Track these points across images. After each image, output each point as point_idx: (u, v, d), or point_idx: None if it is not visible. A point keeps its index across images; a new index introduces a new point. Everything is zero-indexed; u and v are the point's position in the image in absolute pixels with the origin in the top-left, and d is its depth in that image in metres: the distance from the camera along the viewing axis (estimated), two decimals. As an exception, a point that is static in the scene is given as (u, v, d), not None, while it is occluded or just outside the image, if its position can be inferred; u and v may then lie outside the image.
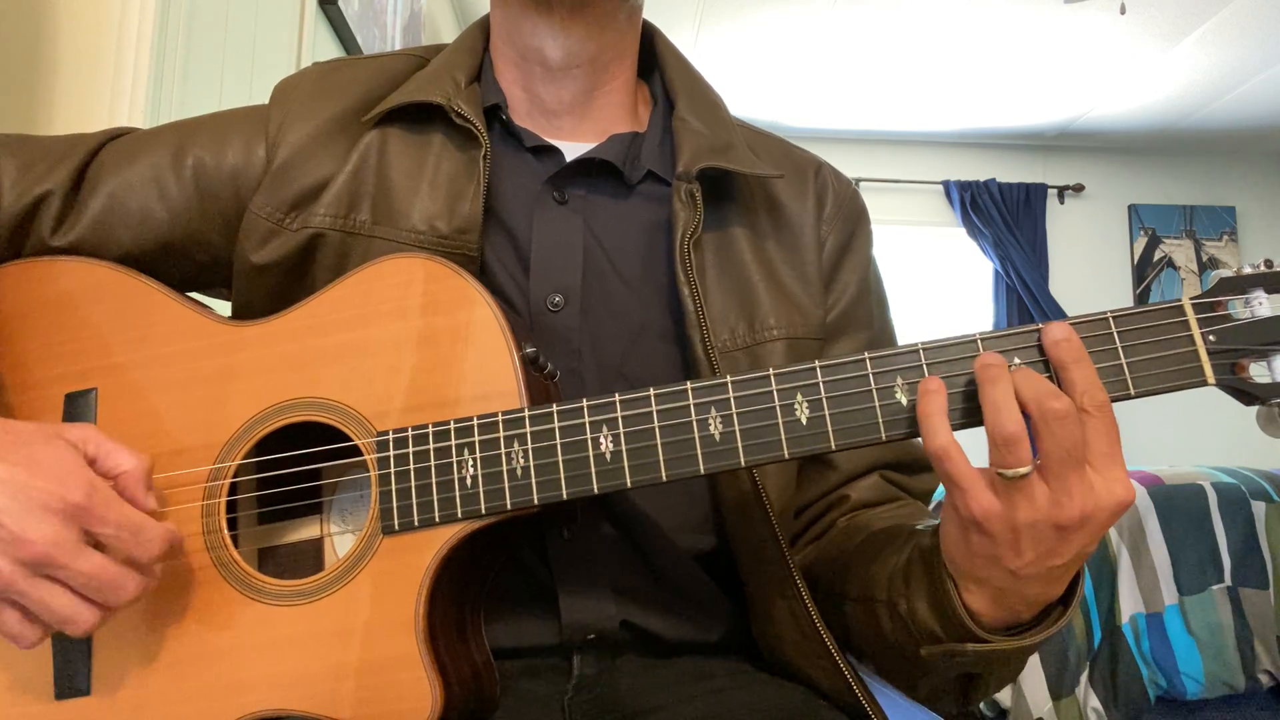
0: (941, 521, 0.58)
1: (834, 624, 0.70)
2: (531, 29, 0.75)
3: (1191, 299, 0.55)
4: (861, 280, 0.81)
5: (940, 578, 0.58)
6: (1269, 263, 0.55)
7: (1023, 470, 0.51)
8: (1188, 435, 4.52)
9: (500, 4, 0.78)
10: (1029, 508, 0.52)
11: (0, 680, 0.63)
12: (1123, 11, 3.24)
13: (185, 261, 0.75)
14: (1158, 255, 4.86)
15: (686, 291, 0.70)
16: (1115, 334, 0.55)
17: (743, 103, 4.42)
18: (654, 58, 0.84)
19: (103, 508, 0.55)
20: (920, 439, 0.55)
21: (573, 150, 0.76)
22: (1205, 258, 4.85)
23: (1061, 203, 4.92)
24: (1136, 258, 4.86)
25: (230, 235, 0.74)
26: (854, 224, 0.82)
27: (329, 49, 2.05)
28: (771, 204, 0.79)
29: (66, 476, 0.54)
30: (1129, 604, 2.31)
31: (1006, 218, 4.74)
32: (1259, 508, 2.45)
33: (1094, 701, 2.23)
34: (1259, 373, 0.54)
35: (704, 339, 0.70)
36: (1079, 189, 4.92)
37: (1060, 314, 4.59)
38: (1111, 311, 0.55)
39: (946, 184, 4.84)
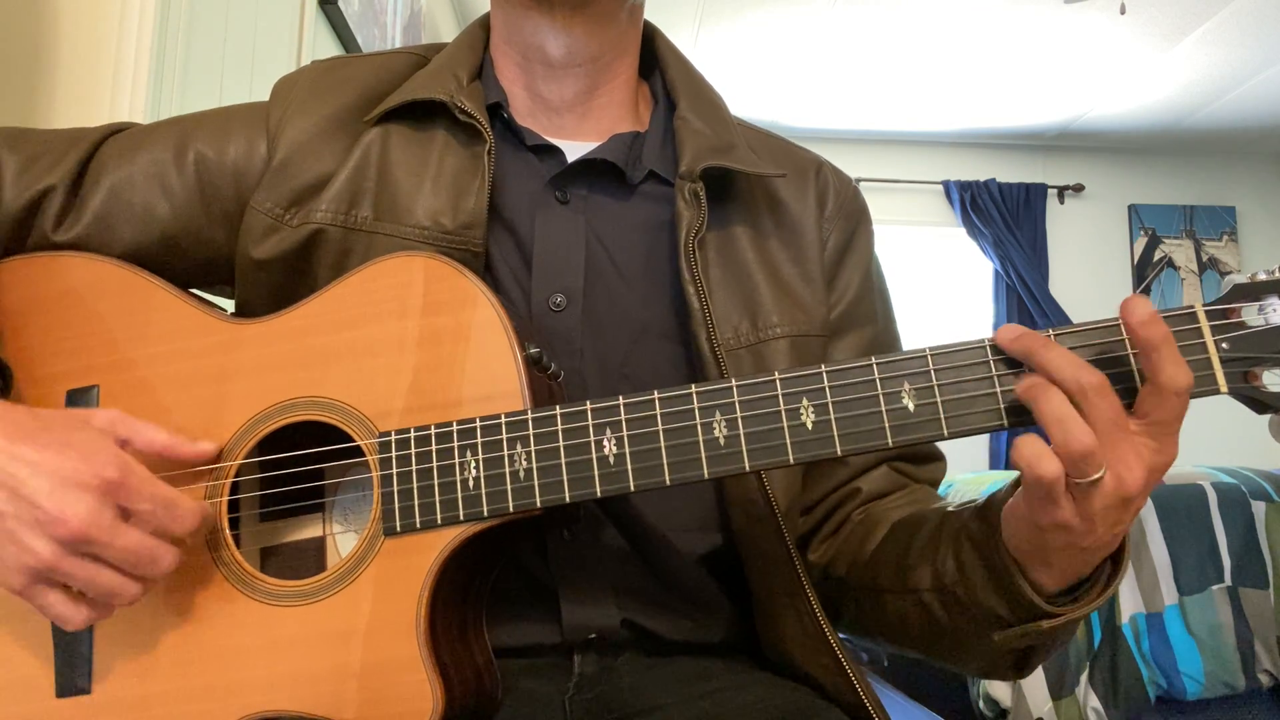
0: (1010, 524, 0.57)
1: (873, 617, 0.71)
2: (533, 28, 0.75)
3: (1204, 305, 0.54)
4: (864, 277, 0.81)
5: (1001, 565, 0.58)
6: None
7: (1097, 475, 0.51)
8: (1188, 435, 4.50)
9: (500, 3, 0.78)
10: (1100, 497, 0.52)
11: (1, 678, 0.63)
12: (1123, 11, 3.24)
13: (187, 258, 0.75)
14: (1158, 255, 4.85)
15: (692, 290, 0.70)
16: (1126, 340, 0.54)
17: (743, 103, 4.42)
18: (655, 57, 0.84)
19: (138, 483, 0.56)
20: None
21: (574, 149, 0.76)
22: (1205, 258, 4.85)
23: (1061, 203, 4.92)
24: (1136, 258, 4.86)
25: (232, 231, 0.74)
26: (855, 222, 0.82)
27: (329, 49, 2.05)
28: (773, 203, 0.79)
29: (98, 455, 0.55)
30: (1129, 604, 2.31)
31: (1006, 218, 4.74)
32: (1259, 508, 2.45)
33: (1094, 701, 2.23)
34: (1272, 381, 0.53)
35: (710, 336, 0.70)
36: (1079, 189, 4.92)
37: (1060, 314, 4.60)
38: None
39: (946, 184, 4.84)
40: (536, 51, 0.76)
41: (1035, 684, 2.21)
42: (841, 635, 0.77)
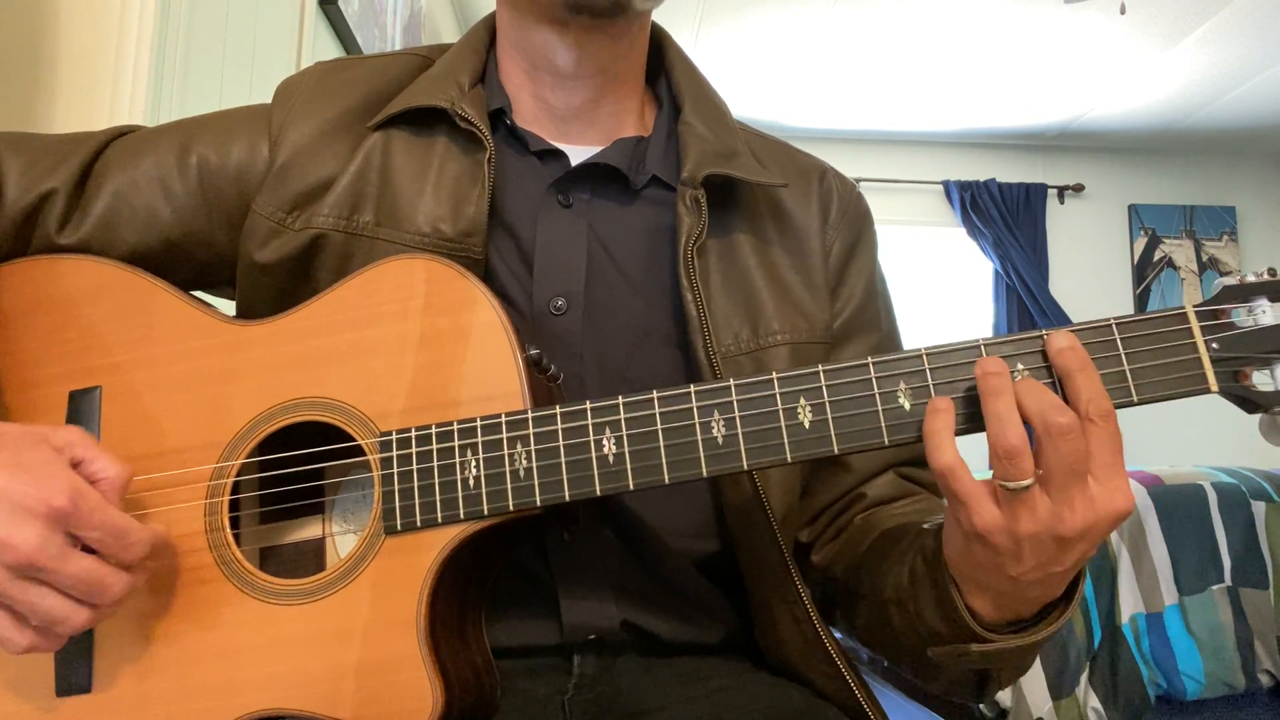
0: (944, 530, 0.59)
1: (851, 621, 0.71)
2: (544, 40, 0.75)
3: (1195, 306, 0.55)
4: (868, 284, 0.81)
5: (944, 581, 0.59)
6: (1273, 271, 0.55)
7: (1025, 482, 0.51)
8: (1188, 435, 4.52)
9: (510, 8, 0.77)
10: (1031, 519, 0.52)
11: (1, 677, 0.63)
12: (1123, 11, 3.24)
13: (190, 260, 0.75)
14: (1158, 255, 4.86)
15: (689, 297, 0.70)
16: (1119, 340, 0.55)
17: (743, 103, 4.42)
18: (661, 62, 0.84)
19: (87, 511, 0.55)
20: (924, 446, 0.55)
21: (577, 154, 0.76)
22: (1205, 258, 4.85)
23: (1061, 203, 4.92)
24: (1136, 258, 4.87)
25: (234, 235, 0.74)
26: (859, 228, 0.82)
27: (329, 49, 2.05)
28: (776, 210, 0.79)
29: (50, 480, 0.54)
30: (1129, 604, 2.31)
31: (1006, 218, 4.74)
32: (1259, 508, 2.45)
33: (1094, 701, 2.23)
34: (1262, 380, 0.54)
35: (706, 344, 0.70)
36: (1079, 189, 4.92)
37: (1060, 314, 4.59)
38: (1115, 318, 0.55)
39: (946, 184, 4.84)
40: (545, 62, 0.76)
41: (1035, 684, 2.21)
42: (839, 637, 0.78)
